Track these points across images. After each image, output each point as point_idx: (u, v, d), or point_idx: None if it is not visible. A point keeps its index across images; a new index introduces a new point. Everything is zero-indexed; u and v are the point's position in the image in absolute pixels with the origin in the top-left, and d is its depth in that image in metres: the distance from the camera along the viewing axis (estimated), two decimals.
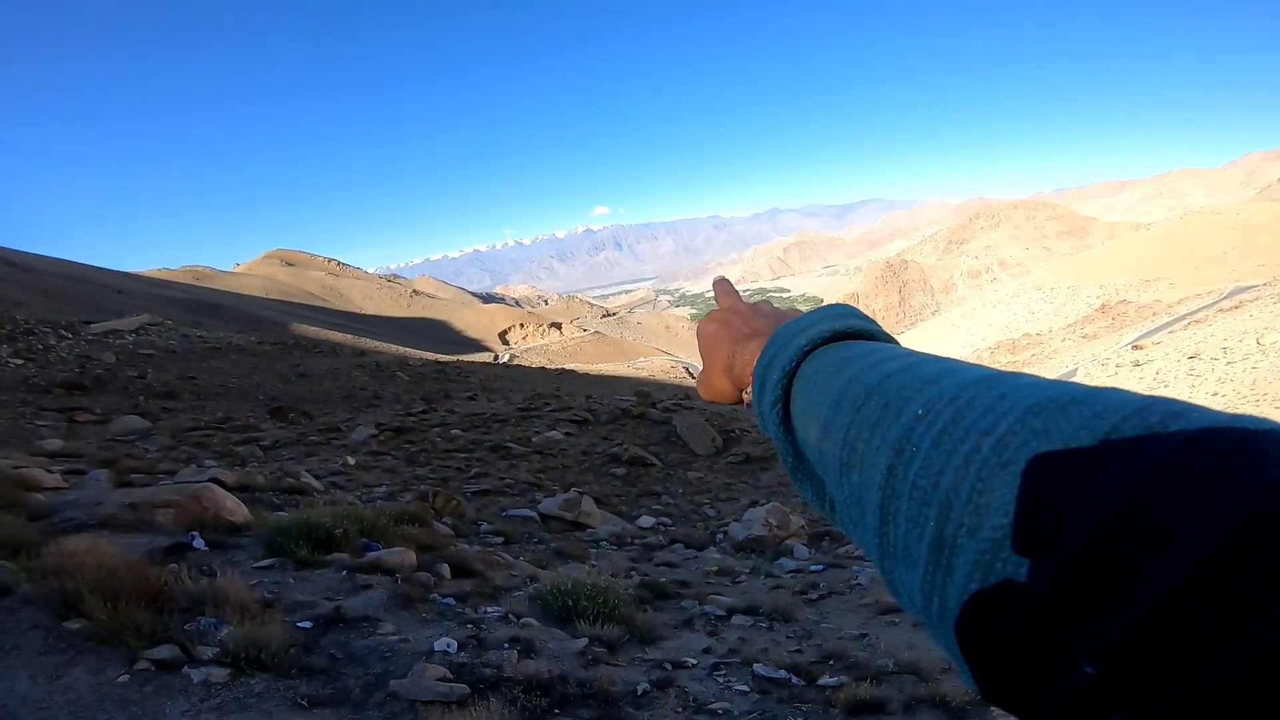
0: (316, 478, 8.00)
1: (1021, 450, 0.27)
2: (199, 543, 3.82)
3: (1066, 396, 0.29)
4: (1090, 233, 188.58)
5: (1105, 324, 61.79)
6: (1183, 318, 51.48)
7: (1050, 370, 48.78)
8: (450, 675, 2.62)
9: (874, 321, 0.50)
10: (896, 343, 0.48)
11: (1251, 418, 0.25)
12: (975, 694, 0.27)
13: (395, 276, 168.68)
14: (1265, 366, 29.41)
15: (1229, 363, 32.20)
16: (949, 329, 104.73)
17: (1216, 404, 28.70)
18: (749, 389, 0.54)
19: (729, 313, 0.64)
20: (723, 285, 0.76)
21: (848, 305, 0.52)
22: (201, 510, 4.32)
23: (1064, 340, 60.53)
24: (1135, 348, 43.57)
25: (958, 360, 0.39)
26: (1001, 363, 60.42)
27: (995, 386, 0.32)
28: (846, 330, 0.48)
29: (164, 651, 2.47)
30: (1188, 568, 0.21)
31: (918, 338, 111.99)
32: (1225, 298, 55.04)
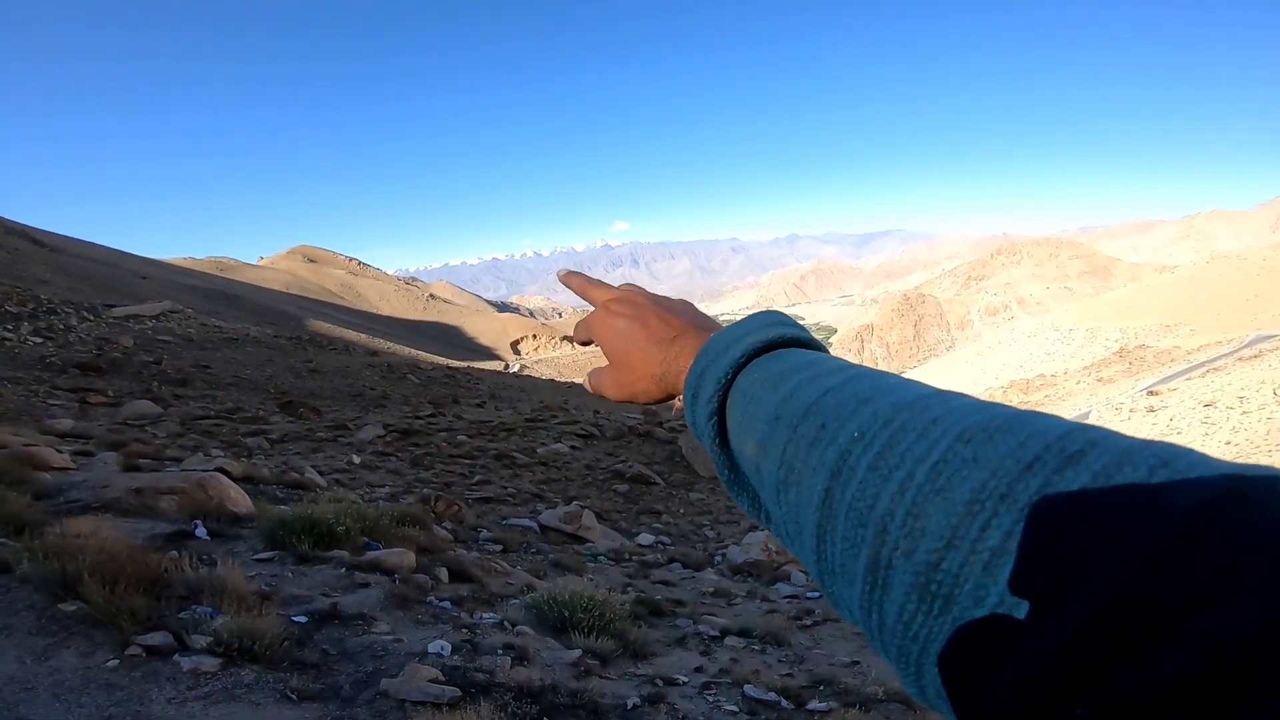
0: (321, 474, 8.05)
1: (953, 479, 0.28)
2: (201, 531, 3.86)
3: (994, 424, 0.30)
4: (1113, 274, 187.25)
5: (1122, 368, 61.16)
6: (1201, 365, 50.86)
7: (1062, 413, 48.13)
8: (442, 677, 2.62)
9: (805, 329, 0.50)
10: (827, 350, 0.48)
11: (1168, 444, 0.26)
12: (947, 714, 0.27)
13: (413, 279, 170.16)
14: None
15: (1244, 412, 31.78)
16: (962, 365, 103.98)
17: (1229, 452, 28.22)
18: (680, 398, 0.53)
19: (635, 307, 0.60)
20: (580, 279, 0.71)
21: (779, 313, 0.51)
22: (206, 499, 4.36)
23: (1079, 383, 59.93)
24: (1150, 393, 43.07)
25: (893, 375, 0.39)
26: (1014, 403, 59.76)
27: (929, 409, 0.32)
28: (780, 339, 0.47)
29: (156, 638, 2.48)
30: (1102, 599, 0.22)
31: (930, 373, 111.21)
32: (1245, 346, 54.34)
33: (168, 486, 4.44)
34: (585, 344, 0.66)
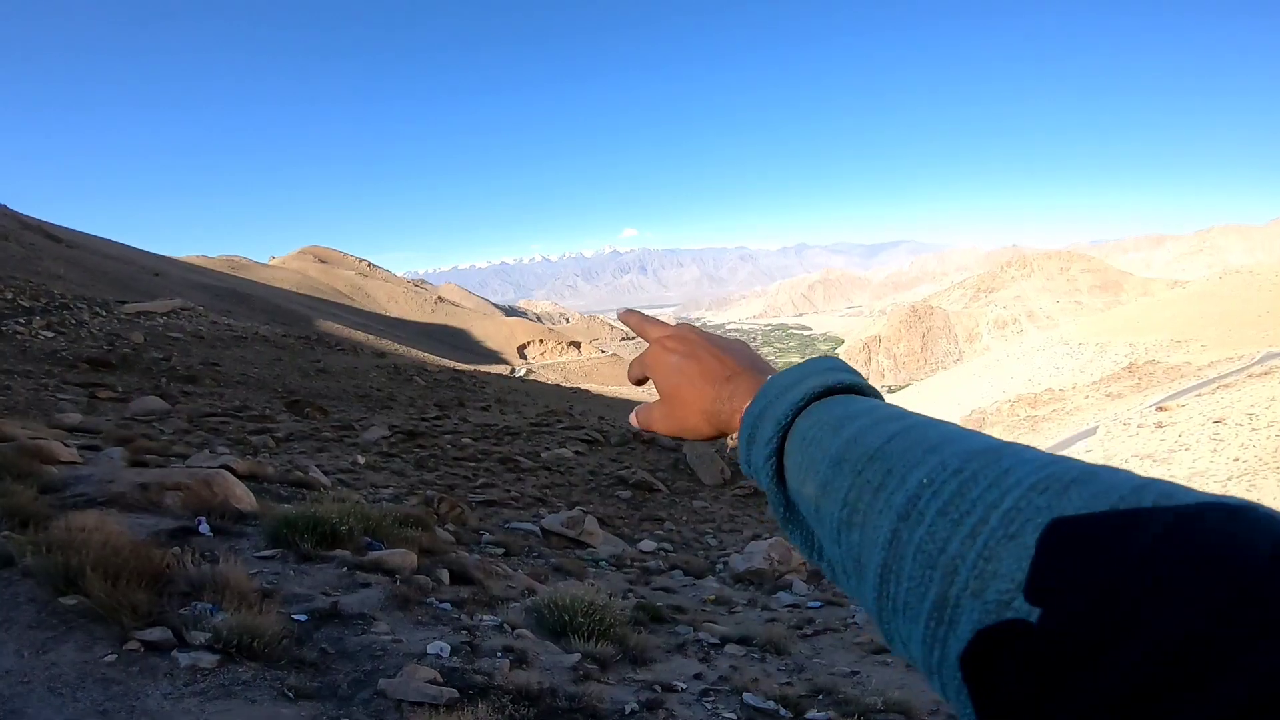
0: (325, 474, 8.07)
1: (1026, 525, 0.30)
2: (205, 528, 3.87)
3: (1068, 476, 0.31)
4: (1124, 288, 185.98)
5: (1131, 383, 60.70)
6: (1211, 381, 50.43)
7: (1070, 428, 47.91)
8: (440, 679, 2.62)
9: (861, 376, 0.51)
10: (883, 398, 0.50)
11: (1233, 498, 0.28)
12: None
13: (422, 281, 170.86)
14: None
15: (1254, 429, 31.51)
16: (970, 379, 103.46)
17: (1238, 469, 27.94)
18: (732, 435, 0.54)
19: (689, 344, 0.62)
20: (637, 316, 0.73)
21: (836, 358, 0.52)
22: (211, 496, 4.39)
23: (1087, 398, 59.49)
24: (1159, 409, 42.73)
25: (954, 425, 0.41)
26: (1021, 416, 59.42)
27: (1000, 460, 0.34)
28: (838, 385, 0.49)
29: (156, 633, 2.48)
30: (1165, 640, 0.24)
31: (938, 386, 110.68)
32: (1256, 362, 53.85)
33: (173, 482, 4.47)
34: (640, 382, 0.67)
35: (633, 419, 0.67)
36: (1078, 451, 40.46)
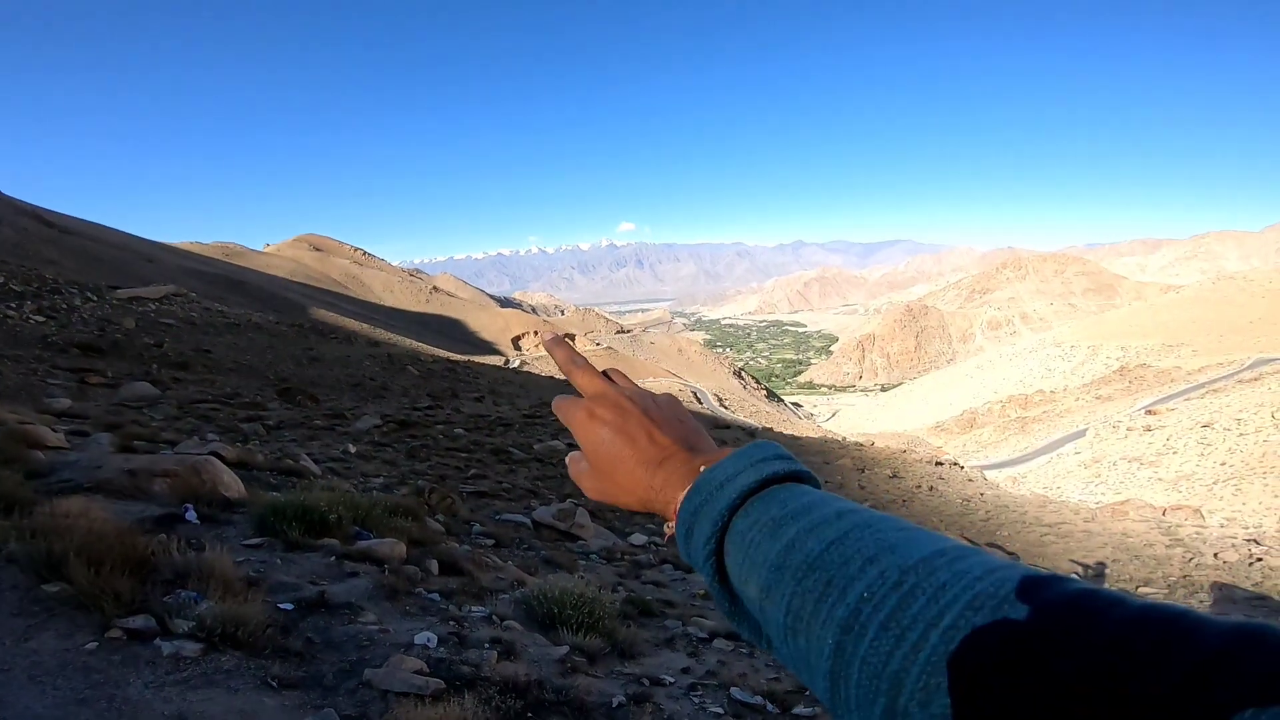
0: (316, 462, 8.04)
1: (965, 645, 0.32)
2: (191, 515, 3.84)
3: (1002, 592, 0.34)
4: (1118, 292, 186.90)
5: (1122, 386, 61.07)
6: (1201, 386, 50.80)
7: (1060, 429, 48.16)
8: (427, 669, 2.60)
9: (797, 460, 0.51)
10: (818, 482, 0.50)
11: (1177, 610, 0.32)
12: None
13: (418, 271, 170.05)
14: (1277, 440, 29.12)
15: (1241, 434, 31.79)
16: (962, 379, 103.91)
17: (1224, 473, 28.17)
18: (669, 524, 0.54)
19: (621, 414, 0.59)
20: (566, 350, 0.66)
21: (770, 444, 0.52)
22: (199, 483, 4.35)
23: (1077, 400, 59.84)
24: (1149, 413, 43.01)
25: (892, 523, 0.42)
26: (1012, 417, 59.67)
27: (935, 574, 0.36)
28: (773, 476, 0.48)
29: (139, 621, 2.46)
30: None
31: (931, 386, 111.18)
32: (1246, 368, 54.24)
33: (161, 469, 4.43)
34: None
35: (568, 463, 0.63)
36: (1067, 453, 40.72)
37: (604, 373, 0.65)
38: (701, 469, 0.52)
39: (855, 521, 0.42)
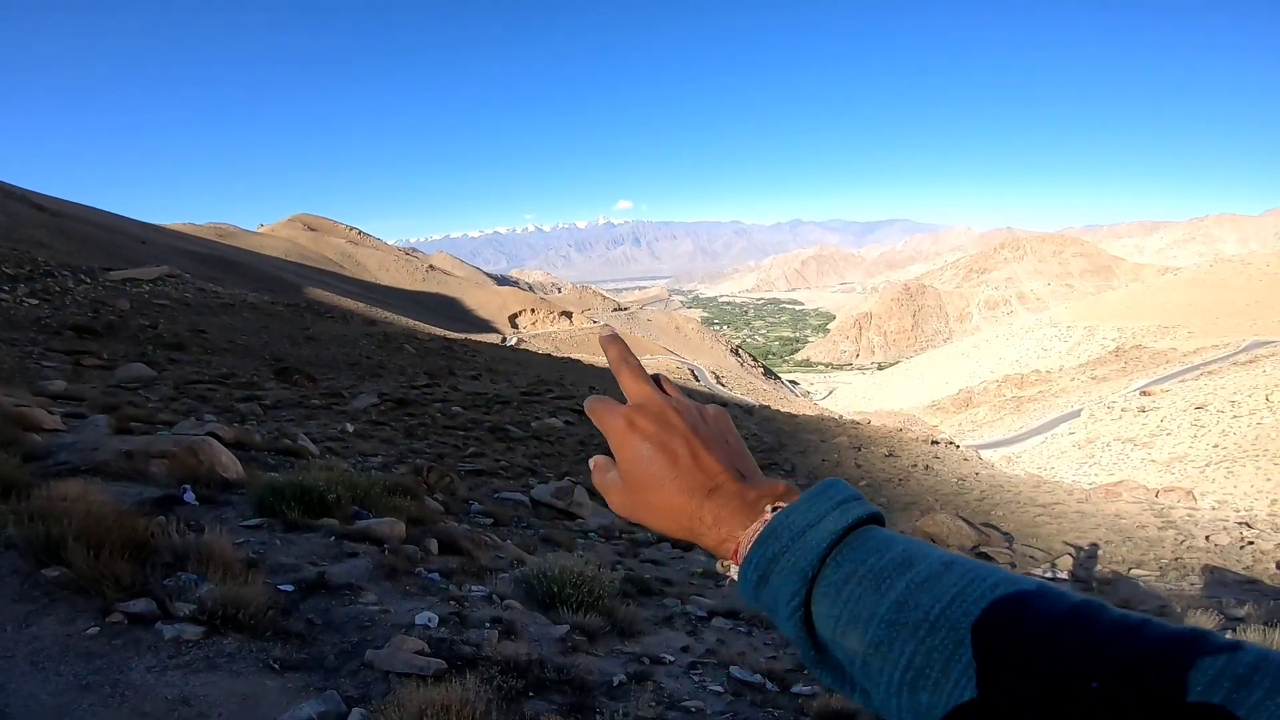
0: (314, 441, 8.03)
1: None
2: (190, 496, 3.84)
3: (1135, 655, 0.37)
4: (1116, 273, 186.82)
5: (1117, 367, 61.27)
6: (1195, 368, 51.00)
7: (1055, 409, 48.40)
8: (428, 649, 2.61)
9: (869, 503, 0.50)
10: (883, 521, 0.50)
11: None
12: None
13: (413, 250, 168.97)
14: (1271, 423, 29.19)
15: (1234, 416, 31.96)
16: (959, 358, 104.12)
17: (1216, 455, 28.36)
18: (724, 561, 0.52)
19: (666, 430, 0.54)
20: (619, 348, 0.60)
21: (840, 482, 0.51)
22: (197, 464, 4.34)
23: (1073, 380, 60.04)
24: (1143, 394, 43.21)
25: (1004, 578, 0.43)
26: (1008, 397, 59.91)
27: (1079, 629, 0.39)
28: (855, 521, 0.48)
29: (140, 605, 2.45)
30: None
31: (927, 364, 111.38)
32: (1241, 351, 54.45)
33: (158, 450, 4.41)
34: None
35: (590, 467, 0.59)
36: (1062, 433, 40.97)
37: (654, 378, 0.60)
38: (768, 509, 0.50)
39: (971, 574, 0.43)
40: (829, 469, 15.10)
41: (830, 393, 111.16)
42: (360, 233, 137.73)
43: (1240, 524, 12.55)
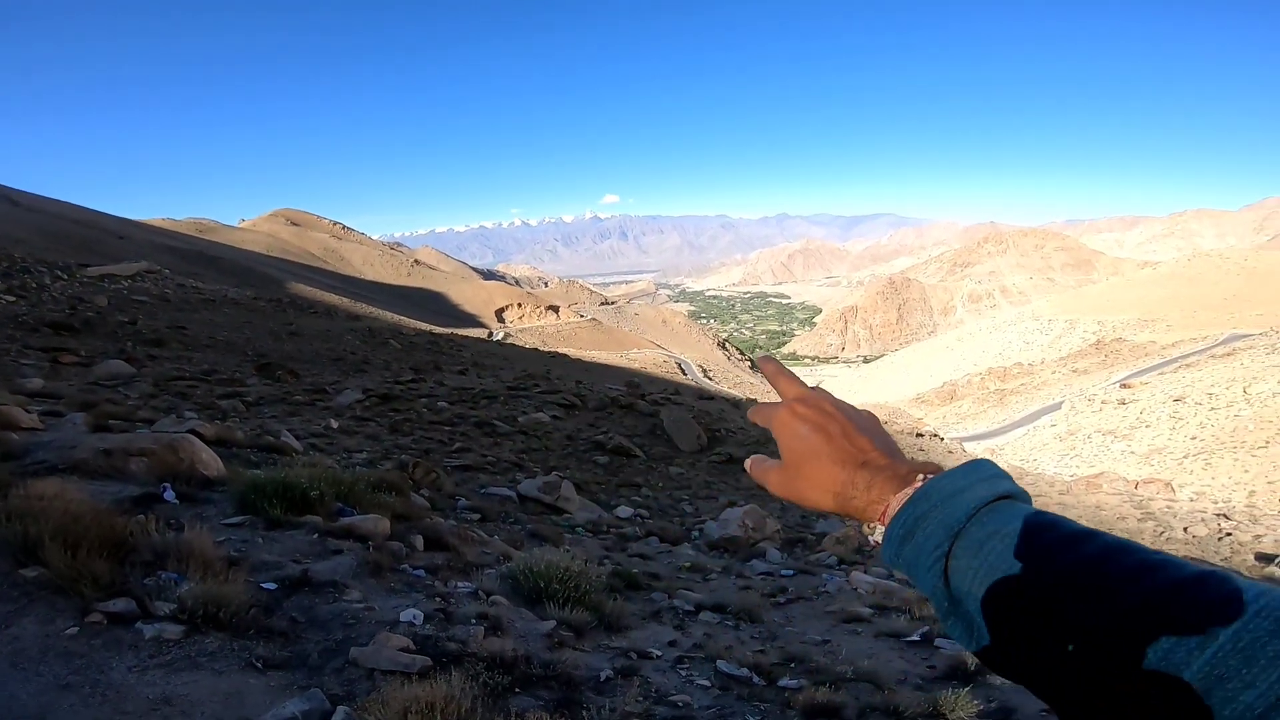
0: (297, 438, 7.95)
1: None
2: (170, 494, 3.78)
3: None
4: (1096, 267, 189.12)
5: (1098, 360, 62.11)
6: (1174, 360, 51.79)
7: (1038, 401, 48.99)
8: (413, 646, 2.60)
9: (1013, 479, 0.55)
10: (1030, 502, 0.55)
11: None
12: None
13: (398, 245, 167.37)
14: (1248, 415, 29.64)
15: (1212, 408, 32.44)
16: (943, 351, 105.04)
17: (1194, 446, 28.79)
18: (869, 524, 0.58)
19: (820, 415, 0.63)
20: (775, 367, 0.73)
21: (988, 461, 0.56)
22: (177, 461, 4.28)
23: (1054, 373, 60.79)
24: (1123, 386, 43.82)
25: (1146, 550, 0.47)
26: (991, 389, 60.55)
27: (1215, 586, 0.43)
28: (1006, 494, 0.53)
29: (119, 604, 2.42)
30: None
31: (912, 357, 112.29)
32: (1219, 344, 55.34)
33: (138, 448, 4.35)
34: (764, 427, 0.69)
35: (746, 466, 0.69)
36: (1044, 425, 41.48)
37: (812, 388, 0.70)
38: (920, 477, 0.56)
39: (1107, 542, 0.47)
40: None
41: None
42: (344, 227, 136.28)
43: (1218, 515, 12.78)
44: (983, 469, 0.55)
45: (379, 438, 10.50)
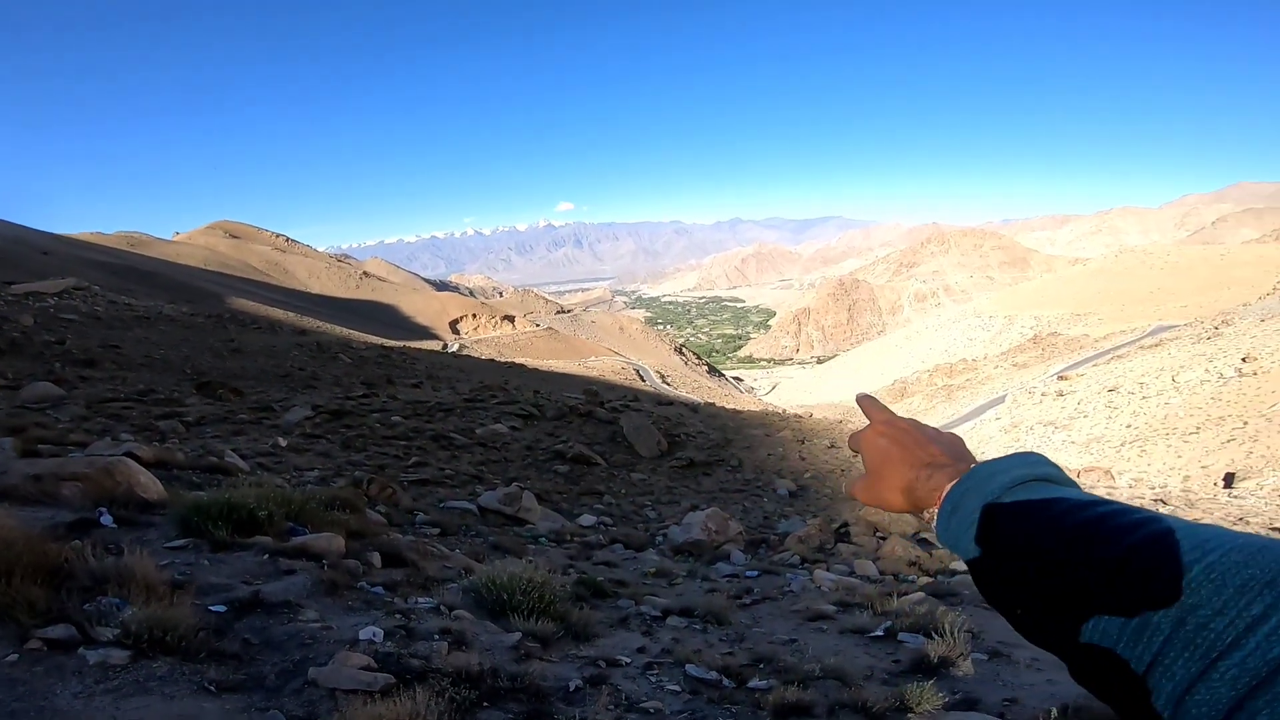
0: (243, 458, 7.65)
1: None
2: (107, 519, 3.59)
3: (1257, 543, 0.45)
4: (1030, 264, 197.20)
5: (1036, 354, 64.69)
6: (1106, 352, 54.30)
7: (982, 396, 50.74)
8: (375, 664, 2.52)
9: (1060, 469, 0.61)
10: (1078, 487, 0.60)
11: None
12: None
13: (346, 256, 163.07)
14: (1178, 403, 31.17)
15: (1144, 397, 34.00)
16: (892, 349, 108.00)
17: (1130, 434, 30.15)
18: (929, 510, 0.66)
19: (897, 431, 0.74)
20: (871, 401, 0.83)
21: (1038, 454, 0.62)
22: (113, 485, 4.06)
23: (997, 367, 63.08)
24: (1060, 378, 45.73)
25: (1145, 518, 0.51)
26: (939, 386, 62.47)
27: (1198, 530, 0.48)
28: (1039, 476, 0.59)
29: (59, 630, 2.30)
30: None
31: (863, 357, 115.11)
32: (1147, 335, 58.27)
33: (70, 472, 4.10)
34: (855, 453, 0.79)
35: (845, 488, 0.90)
36: (989, 419, 42.96)
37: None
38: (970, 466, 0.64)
39: (1121, 506, 0.52)
40: (774, 462, 15.39)
41: (774, 387, 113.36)
42: (287, 239, 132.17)
43: (1156, 501, 13.42)
44: (1026, 456, 0.62)
45: (331, 455, 10.18)
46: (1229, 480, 19.17)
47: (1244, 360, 31.91)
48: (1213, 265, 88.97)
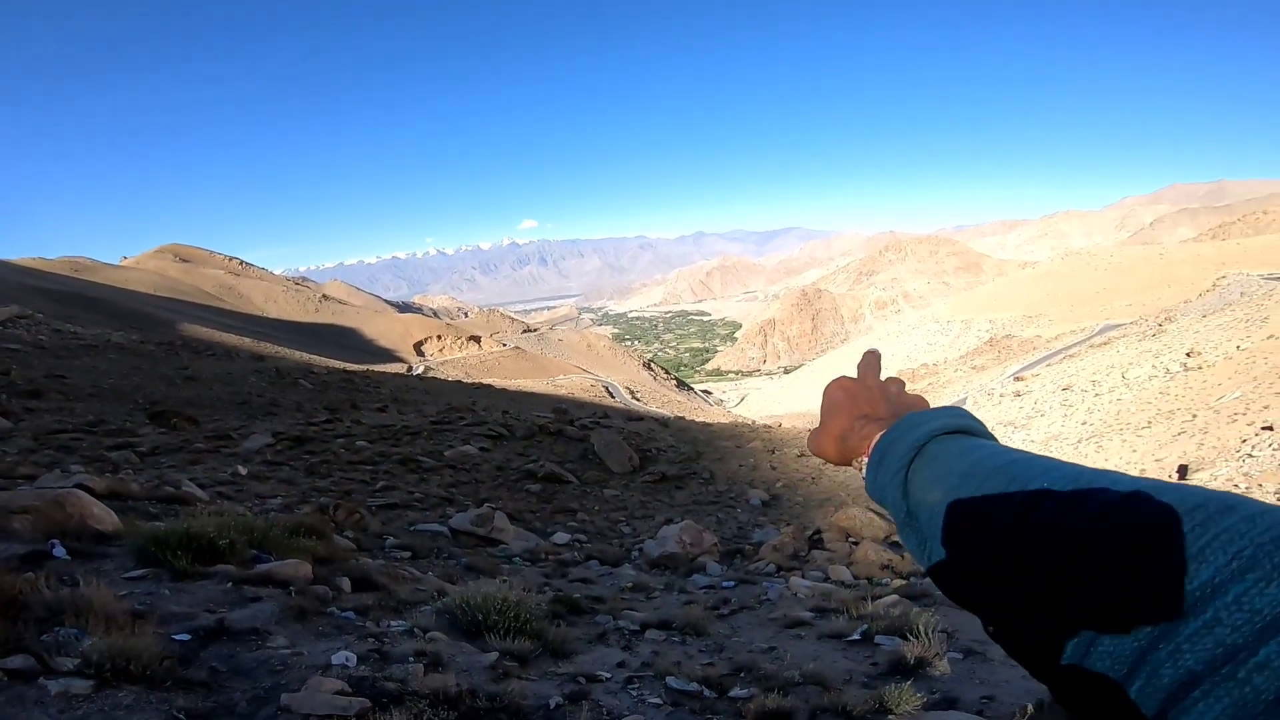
0: (202, 487, 7.40)
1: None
2: (60, 551, 3.44)
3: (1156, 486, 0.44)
4: (983, 269, 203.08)
5: (993, 356, 66.53)
6: (1059, 352, 56.11)
7: (944, 399, 51.92)
8: (349, 689, 2.45)
9: (982, 424, 0.63)
10: (998, 441, 0.62)
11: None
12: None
13: (304, 279, 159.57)
14: (1129, 398, 32.26)
15: (1097, 394, 35.12)
16: (856, 357, 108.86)
17: (1086, 431, 31.03)
18: (859, 460, 0.68)
19: (859, 385, 0.75)
20: (868, 362, 0.83)
21: (961, 409, 0.64)
22: (65, 517, 3.90)
23: (956, 371, 64.68)
24: (1017, 379, 47.11)
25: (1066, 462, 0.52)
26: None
27: (1104, 476, 0.47)
28: (962, 428, 0.61)
29: (17, 661, 2.24)
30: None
31: (828, 366, 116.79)
32: (1096, 334, 60.40)
33: (19, 505, 3.93)
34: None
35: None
36: None
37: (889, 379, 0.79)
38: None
39: (1029, 453, 0.54)
40: (746, 473, 15.47)
41: (742, 399, 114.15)
42: (242, 263, 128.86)
43: None
44: (950, 409, 0.63)
45: (294, 481, 9.91)
46: (1183, 472, 19.81)
47: (1188, 355, 33.25)
48: (1153, 265, 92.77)
